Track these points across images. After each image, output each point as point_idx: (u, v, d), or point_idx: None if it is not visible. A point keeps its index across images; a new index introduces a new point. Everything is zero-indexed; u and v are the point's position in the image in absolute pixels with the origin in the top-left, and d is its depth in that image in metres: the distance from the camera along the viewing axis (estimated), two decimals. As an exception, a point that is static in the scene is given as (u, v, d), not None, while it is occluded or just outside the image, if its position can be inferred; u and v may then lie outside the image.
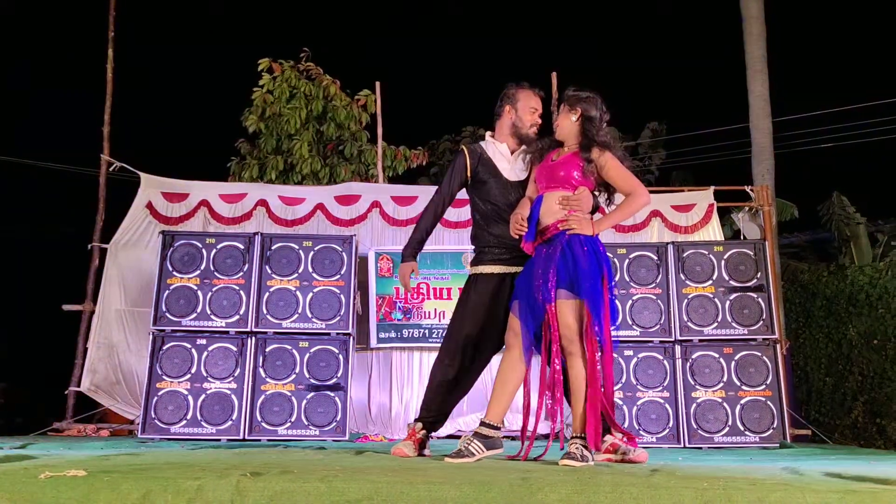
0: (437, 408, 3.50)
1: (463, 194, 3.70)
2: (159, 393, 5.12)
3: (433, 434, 3.58)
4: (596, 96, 3.23)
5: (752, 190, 7.07)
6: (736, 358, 5.31)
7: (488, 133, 3.66)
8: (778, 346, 5.41)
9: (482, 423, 3.12)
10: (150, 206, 6.46)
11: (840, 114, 11.71)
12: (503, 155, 3.51)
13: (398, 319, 6.20)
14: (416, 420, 3.51)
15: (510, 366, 3.13)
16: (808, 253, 11.97)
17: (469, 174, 3.53)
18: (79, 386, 6.04)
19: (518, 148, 3.54)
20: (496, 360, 3.46)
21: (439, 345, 3.54)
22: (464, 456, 2.95)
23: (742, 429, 5.18)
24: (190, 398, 5.13)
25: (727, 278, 5.47)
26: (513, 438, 5.96)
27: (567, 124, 3.22)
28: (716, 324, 5.38)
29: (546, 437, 3.28)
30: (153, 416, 5.08)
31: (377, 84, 7.45)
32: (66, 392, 6.10)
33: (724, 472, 2.59)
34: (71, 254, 7.67)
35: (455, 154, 3.62)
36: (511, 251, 3.38)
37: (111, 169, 6.68)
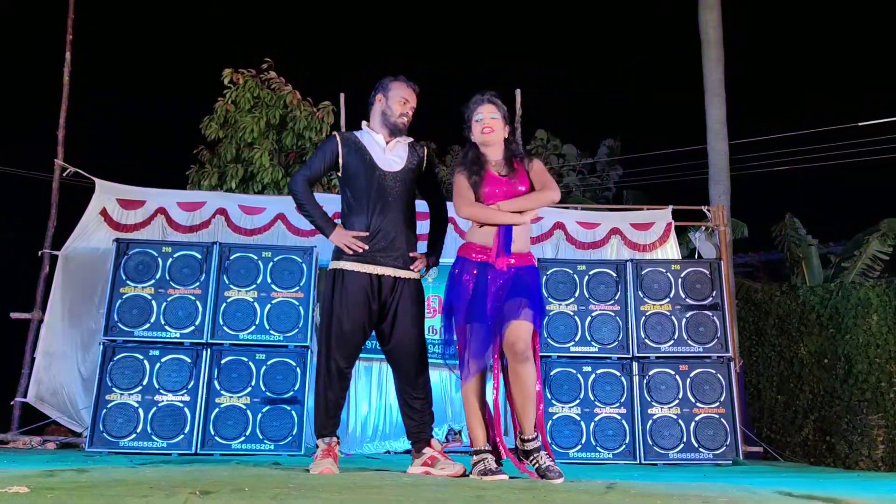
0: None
1: None
2: (108, 405, 4.99)
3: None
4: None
5: (708, 210, 7.20)
6: (691, 375, 5.39)
7: (364, 122, 3.56)
8: (732, 364, 5.51)
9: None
10: (104, 212, 6.31)
11: (794, 138, 12.03)
12: (378, 144, 3.43)
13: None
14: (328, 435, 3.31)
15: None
16: (761, 272, 12.25)
17: (341, 162, 3.40)
18: (25, 397, 5.87)
19: (393, 139, 3.47)
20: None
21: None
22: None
23: (696, 445, 5.25)
24: (140, 411, 5.01)
25: (684, 296, 5.55)
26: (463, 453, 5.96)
27: (501, 129, 3.29)
28: (672, 341, 5.46)
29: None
30: (101, 428, 4.95)
31: (341, 95, 7.43)
32: (11, 403, 5.92)
33: (678, 489, 2.61)
34: (21, 260, 7.46)
35: (327, 138, 3.50)
36: (377, 248, 3.28)
37: (65, 174, 6.53)
